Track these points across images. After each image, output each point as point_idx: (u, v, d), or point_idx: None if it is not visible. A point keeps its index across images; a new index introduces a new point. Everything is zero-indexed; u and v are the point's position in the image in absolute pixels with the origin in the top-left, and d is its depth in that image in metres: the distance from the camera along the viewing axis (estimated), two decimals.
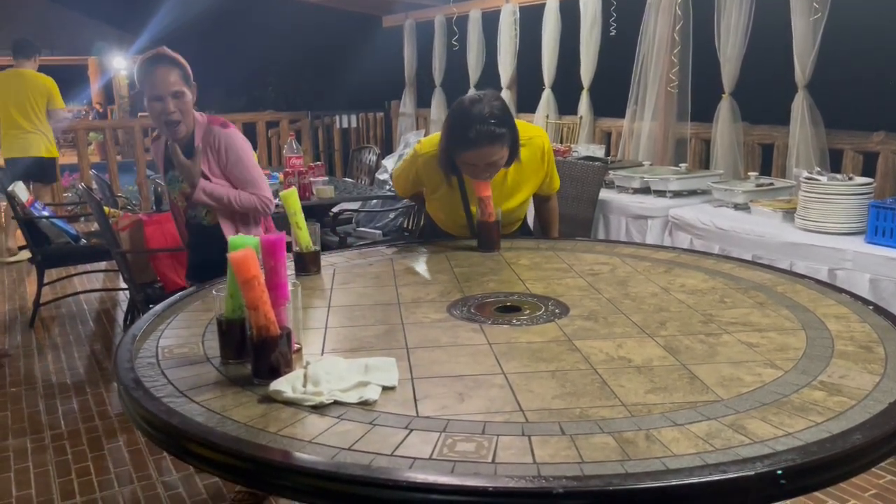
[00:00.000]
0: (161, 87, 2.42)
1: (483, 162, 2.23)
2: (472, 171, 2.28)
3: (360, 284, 2.03)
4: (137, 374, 1.37)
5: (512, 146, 2.26)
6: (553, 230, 2.74)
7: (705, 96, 4.83)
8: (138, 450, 3.10)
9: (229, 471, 1.13)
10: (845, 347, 1.47)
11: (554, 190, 2.66)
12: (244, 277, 1.29)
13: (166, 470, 2.95)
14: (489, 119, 2.18)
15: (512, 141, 2.25)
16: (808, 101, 4.21)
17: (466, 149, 2.22)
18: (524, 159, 2.38)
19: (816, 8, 3.95)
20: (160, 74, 2.43)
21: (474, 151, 2.21)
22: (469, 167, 2.27)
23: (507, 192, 2.46)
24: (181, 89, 2.46)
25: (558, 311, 1.71)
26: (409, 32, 8.48)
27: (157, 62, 2.44)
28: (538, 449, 1.08)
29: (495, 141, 2.19)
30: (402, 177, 2.60)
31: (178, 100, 2.45)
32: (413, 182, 2.57)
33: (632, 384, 1.31)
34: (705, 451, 1.07)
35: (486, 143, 2.19)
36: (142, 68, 2.45)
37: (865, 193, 3.12)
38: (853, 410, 1.19)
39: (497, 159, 2.24)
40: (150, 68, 2.44)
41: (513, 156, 2.30)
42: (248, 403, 1.25)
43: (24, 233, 4.62)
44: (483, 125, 2.17)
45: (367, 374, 1.32)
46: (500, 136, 2.20)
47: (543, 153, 2.49)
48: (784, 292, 1.82)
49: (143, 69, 2.45)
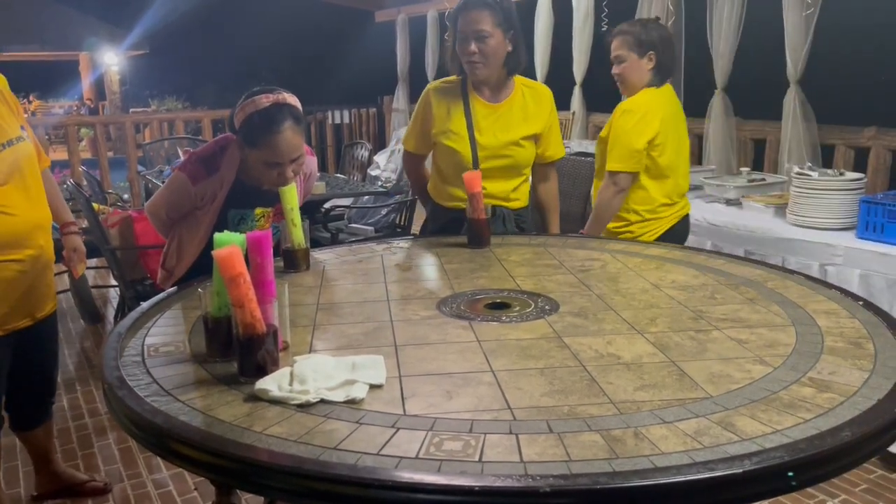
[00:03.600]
0: (287, 154, 2.05)
1: (471, 29, 2.38)
2: (462, 47, 2.41)
3: (349, 281, 2.02)
4: (122, 373, 1.36)
5: (505, 29, 2.40)
6: (553, 218, 2.71)
7: (698, 91, 4.83)
8: (128, 448, 3.09)
9: (214, 471, 1.12)
10: (835, 343, 1.46)
11: (556, 155, 2.63)
12: (229, 275, 1.28)
13: (156, 468, 2.93)
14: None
15: (505, 23, 2.40)
16: (800, 96, 4.21)
17: (459, 12, 2.41)
18: (528, 97, 2.53)
19: (809, 3, 3.95)
20: (288, 138, 2.04)
21: (464, 15, 2.39)
22: (463, 47, 2.41)
23: (506, 122, 2.50)
24: (303, 152, 2.13)
25: (548, 308, 1.70)
26: (402, 27, 8.47)
27: (283, 123, 2.03)
28: (525, 447, 1.07)
29: (486, 7, 2.37)
30: (412, 123, 2.65)
31: (295, 163, 2.11)
32: (422, 121, 2.58)
33: (621, 381, 1.30)
34: (693, 448, 1.06)
35: (477, 6, 2.37)
36: (262, 127, 2.03)
37: (856, 189, 3.12)
38: (842, 407, 1.19)
39: (486, 31, 2.37)
40: (277, 129, 2.02)
41: (513, 62, 2.46)
42: (234, 402, 1.24)
43: None
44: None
45: (355, 373, 1.31)
46: (491, 5, 2.37)
47: (548, 103, 2.59)
48: (774, 288, 1.82)
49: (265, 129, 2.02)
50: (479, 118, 2.48)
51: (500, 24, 2.37)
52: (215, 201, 2.18)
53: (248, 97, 2.05)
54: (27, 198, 2.31)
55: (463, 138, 2.46)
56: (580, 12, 5.71)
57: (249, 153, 2.07)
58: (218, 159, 2.17)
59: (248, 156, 2.08)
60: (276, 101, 2.03)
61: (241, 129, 2.06)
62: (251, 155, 2.07)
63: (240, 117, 2.05)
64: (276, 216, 2.26)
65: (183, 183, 2.16)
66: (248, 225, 2.23)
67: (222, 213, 2.20)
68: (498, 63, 2.43)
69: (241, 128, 2.05)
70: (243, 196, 2.20)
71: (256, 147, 2.04)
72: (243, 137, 2.06)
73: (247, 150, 2.07)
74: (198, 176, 2.15)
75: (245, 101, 2.05)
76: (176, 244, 2.28)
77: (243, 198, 2.21)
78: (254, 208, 2.23)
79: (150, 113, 12.72)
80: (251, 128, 2.03)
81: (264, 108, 2.02)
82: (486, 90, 2.50)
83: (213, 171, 2.16)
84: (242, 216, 2.23)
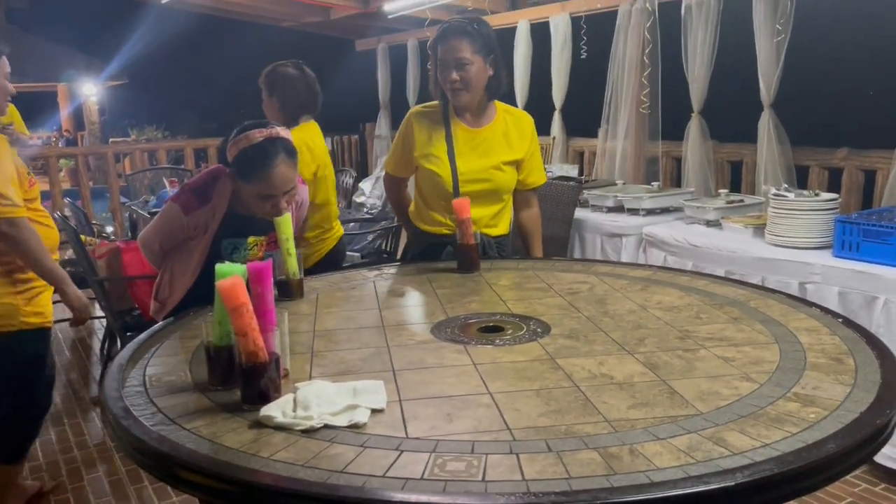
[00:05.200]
0: (280, 186, 2.09)
1: (451, 57, 2.43)
2: (444, 75, 2.46)
3: (343, 308, 2.05)
4: (126, 403, 1.38)
5: (485, 55, 2.45)
6: (536, 243, 2.76)
7: (675, 115, 4.95)
8: (118, 480, 3.07)
9: (225, 497, 1.15)
10: (817, 360, 1.52)
11: (537, 181, 2.69)
12: (233, 305, 1.32)
13: (148, 500, 2.92)
14: (463, 19, 2.48)
15: (484, 49, 2.45)
16: (773, 119, 4.34)
17: (438, 41, 2.47)
18: (510, 124, 2.59)
19: (779, 30, 4.08)
20: (282, 172, 2.08)
21: (443, 44, 2.45)
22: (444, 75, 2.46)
23: (488, 146, 2.55)
24: (296, 183, 2.18)
25: (540, 331, 1.75)
26: (383, 55, 8.57)
27: (277, 157, 2.06)
28: (526, 466, 1.11)
29: (464, 35, 2.43)
30: (394, 146, 2.70)
31: (289, 194, 2.15)
32: (404, 145, 2.62)
33: (614, 400, 1.35)
34: (687, 463, 1.11)
35: (456, 35, 2.43)
36: (256, 162, 2.07)
37: (831, 209, 3.22)
38: (826, 420, 1.24)
39: (466, 58, 2.42)
40: (271, 164, 2.06)
41: (494, 86, 2.51)
42: (239, 429, 1.27)
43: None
44: (457, 20, 2.48)
45: (356, 398, 1.34)
46: (469, 33, 2.43)
47: (530, 130, 2.65)
48: (757, 307, 1.88)
49: (259, 163, 2.06)
50: (461, 142, 2.54)
51: (478, 50, 2.44)
52: (207, 231, 2.21)
53: (241, 131, 2.09)
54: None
55: (444, 162, 2.52)
56: (558, 39, 5.83)
57: (243, 186, 2.11)
58: (210, 190, 2.21)
59: (242, 188, 2.12)
60: (269, 136, 2.07)
61: (234, 163, 2.09)
62: (245, 188, 2.11)
63: (232, 151, 2.08)
64: (268, 245, 2.30)
65: (176, 214, 2.19)
66: (242, 254, 2.26)
67: (215, 243, 2.23)
68: (480, 88, 2.49)
69: (235, 162, 2.09)
70: (236, 226, 2.24)
71: (250, 181, 2.08)
72: (237, 171, 2.09)
73: (240, 183, 2.11)
74: (190, 206, 2.19)
75: (238, 135, 2.09)
76: (168, 275, 2.30)
77: (236, 227, 2.24)
78: (246, 237, 2.27)
79: (132, 143, 12.70)
80: (245, 162, 2.07)
81: (258, 142, 2.05)
82: (468, 115, 2.56)
83: (206, 202, 2.19)
84: (235, 245, 2.26)
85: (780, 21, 4.06)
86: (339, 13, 7.59)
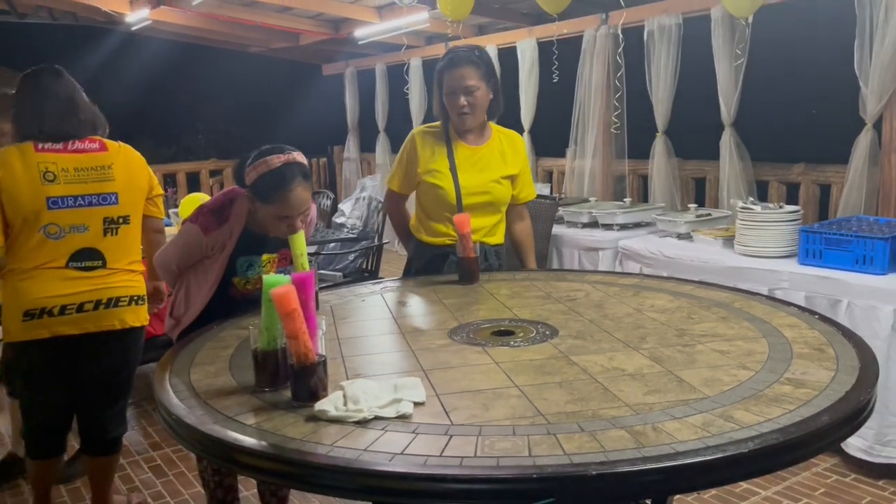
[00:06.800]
0: (297, 207, 2.19)
1: (459, 85, 2.60)
2: (452, 101, 2.63)
3: (359, 318, 2.18)
4: (185, 405, 1.49)
5: (487, 80, 2.64)
6: (529, 254, 2.93)
7: (640, 135, 5.20)
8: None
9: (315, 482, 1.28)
10: (802, 350, 1.70)
11: (529, 196, 2.89)
12: (286, 310, 1.44)
13: None
14: (468, 48, 2.69)
15: (486, 75, 2.64)
16: (734, 137, 4.59)
17: (445, 70, 2.64)
18: (504, 142, 2.79)
19: (738, 54, 4.35)
20: (299, 194, 2.19)
21: (451, 72, 2.62)
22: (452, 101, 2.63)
23: (486, 162, 2.74)
24: (310, 204, 2.28)
25: (548, 333, 1.90)
26: (351, 80, 8.72)
27: (294, 181, 2.18)
28: (565, 444, 1.26)
29: (470, 63, 2.61)
30: (396, 165, 2.85)
31: (303, 214, 2.24)
32: (407, 162, 2.78)
33: (630, 388, 1.50)
34: (704, 436, 1.27)
35: (463, 64, 2.61)
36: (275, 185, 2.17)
37: (795, 220, 3.46)
38: (817, 399, 1.42)
39: (473, 85, 2.61)
40: (289, 187, 2.16)
41: (493, 108, 2.73)
42: (297, 423, 1.39)
43: None
44: (462, 50, 2.68)
45: (398, 392, 1.48)
46: (474, 61, 2.62)
47: (522, 148, 2.87)
48: (742, 307, 2.07)
49: (278, 187, 2.16)
50: (462, 159, 2.71)
51: (483, 76, 2.62)
52: (224, 250, 2.32)
53: (260, 156, 2.21)
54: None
55: (447, 176, 2.68)
56: (525, 64, 6.05)
57: (261, 207, 2.23)
58: (227, 210, 2.32)
59: (260, 209, 2.24)
60: (287, 161, 2.20)
61: (253, 187, 2.21)
62: (263, 209, 2.23)
63: (252, 175, 2.20)
64: (280, 261, 2.42)
65: (196, 234, 2.30)
66: (256, 271, 2.37)
67: (231, 260, 2.34)
68: (484, 111, 2.68)
69: (254, 185, 2.20)
70: (251, 244, 2.35)
71: (269, 203, 2.20)
72: (256, 194, 2.21)
73: (258, 205, 2.23)
74: (209, 227, 2.30)
75: (257, 160, 2.20)
76: (184, 292, 2.40)
77: (251, 246, 2.35)
78: (261, 255, 2.38)
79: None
80: (264, 185, 2.19)
81: (276, 167, 2.18)
82: (469, 134, 2.73)
83: (223, 222, 2.31)
84: (251, 263, 2.37)
85: (739, 46, 4.33)
86: (309, 39, 7.73)
